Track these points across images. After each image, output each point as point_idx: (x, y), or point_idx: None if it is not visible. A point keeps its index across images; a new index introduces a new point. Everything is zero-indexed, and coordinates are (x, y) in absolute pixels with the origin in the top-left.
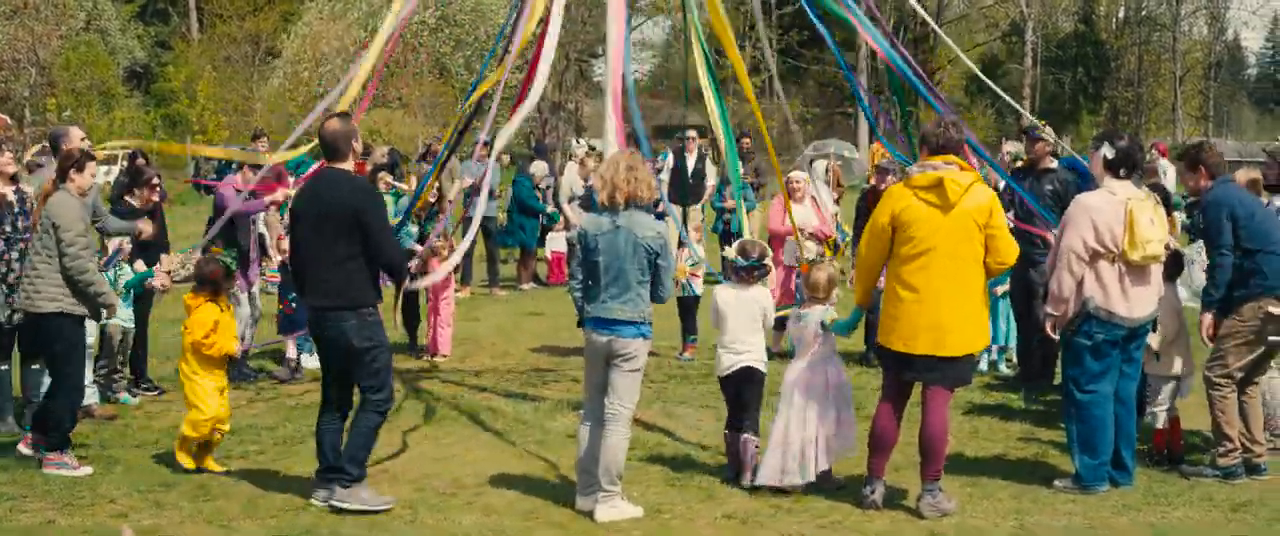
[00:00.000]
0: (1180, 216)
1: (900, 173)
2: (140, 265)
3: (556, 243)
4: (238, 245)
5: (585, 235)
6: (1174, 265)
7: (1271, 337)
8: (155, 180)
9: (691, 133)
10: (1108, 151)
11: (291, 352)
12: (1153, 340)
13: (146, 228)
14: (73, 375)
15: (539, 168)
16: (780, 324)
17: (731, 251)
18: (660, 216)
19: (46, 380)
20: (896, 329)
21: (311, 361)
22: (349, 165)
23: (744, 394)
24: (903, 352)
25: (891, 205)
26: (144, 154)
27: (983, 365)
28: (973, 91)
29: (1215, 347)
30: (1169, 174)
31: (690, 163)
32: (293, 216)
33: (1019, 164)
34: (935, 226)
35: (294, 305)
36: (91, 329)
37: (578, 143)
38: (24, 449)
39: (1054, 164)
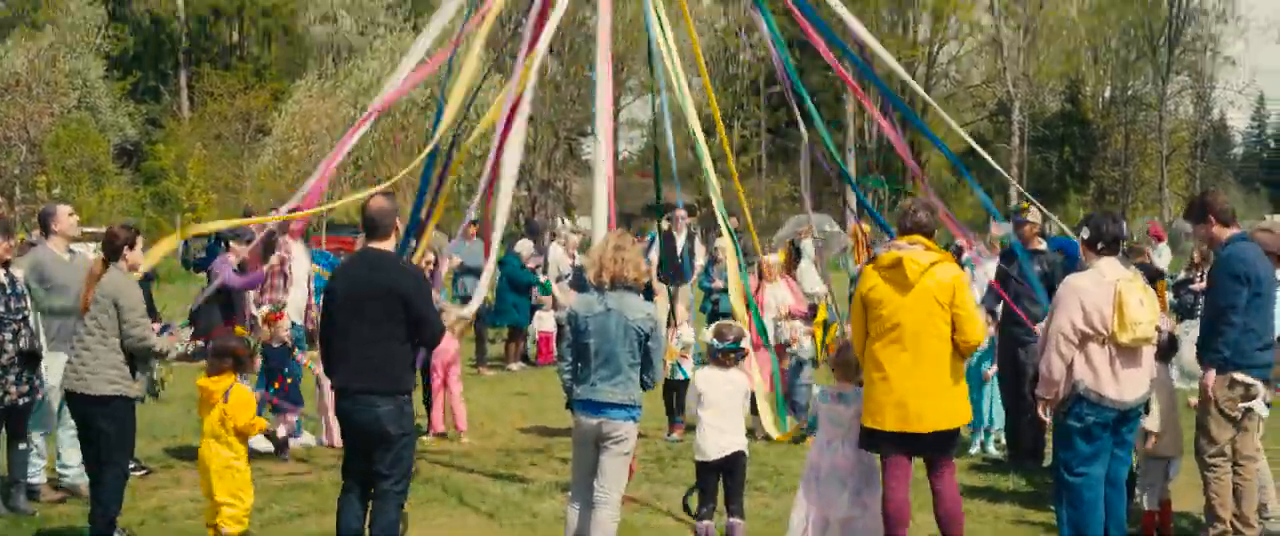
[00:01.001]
0: (1168, 296)
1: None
2: None
3: (545, 322)
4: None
5: (576, 316)
6: (1169, 346)
7: (1243, 403)
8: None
9: (680, 211)
10: (1084, 232)
11: (282, 431)
12: (1151, 423)
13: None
14: (122, 459)
15: (525, 246)
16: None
17: (708, 333)
18: (649, 296)
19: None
20: (867, 407)
21: (299, 441)
22: (390, 244)
23: (732, 478)
24: (873, 429)
25: (861, 286)
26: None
27: (973, 447)
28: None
29: (1198, 424)
30: (1165, 256)
31: (679, 242)
32: (329, 295)
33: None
34: (898, 305)
35: (289, 381)
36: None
37: (562, 222)
38: None
39: (1042, 245)
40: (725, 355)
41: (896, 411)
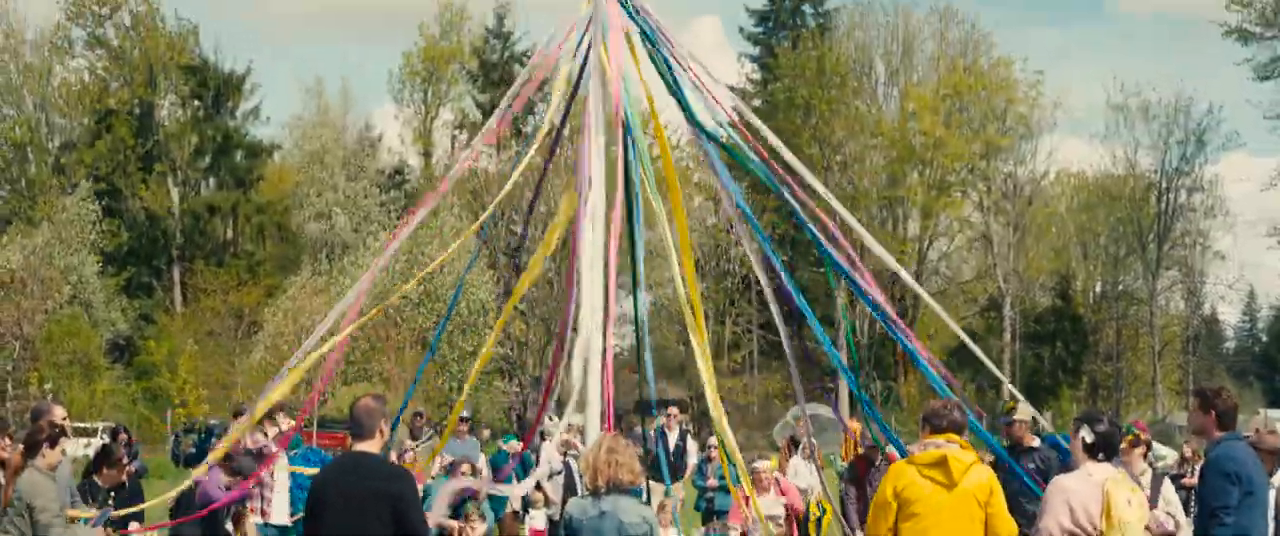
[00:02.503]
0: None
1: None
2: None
3: (536, 520)
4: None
5: (571, 520)
6: None
7: None
8: (123, 460)
9: (672, 408)
10: (1087, 435)
11: None
12: None
13: None
14: None
15: (510, 445)
16: None
17: (697, 533)
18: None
19: None
20: None
21: None
22: (375, 445)
23: None
24: None
25: (893, 481)
26: (126, 429)
27: None
28: (952, 366)
29: None
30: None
31: (671, 439)
32: (315, 497)
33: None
34: (939, 503)
35: None
36: None
37: (550, 419)
38: None
39: (1037, 442)
40: None
41: None
